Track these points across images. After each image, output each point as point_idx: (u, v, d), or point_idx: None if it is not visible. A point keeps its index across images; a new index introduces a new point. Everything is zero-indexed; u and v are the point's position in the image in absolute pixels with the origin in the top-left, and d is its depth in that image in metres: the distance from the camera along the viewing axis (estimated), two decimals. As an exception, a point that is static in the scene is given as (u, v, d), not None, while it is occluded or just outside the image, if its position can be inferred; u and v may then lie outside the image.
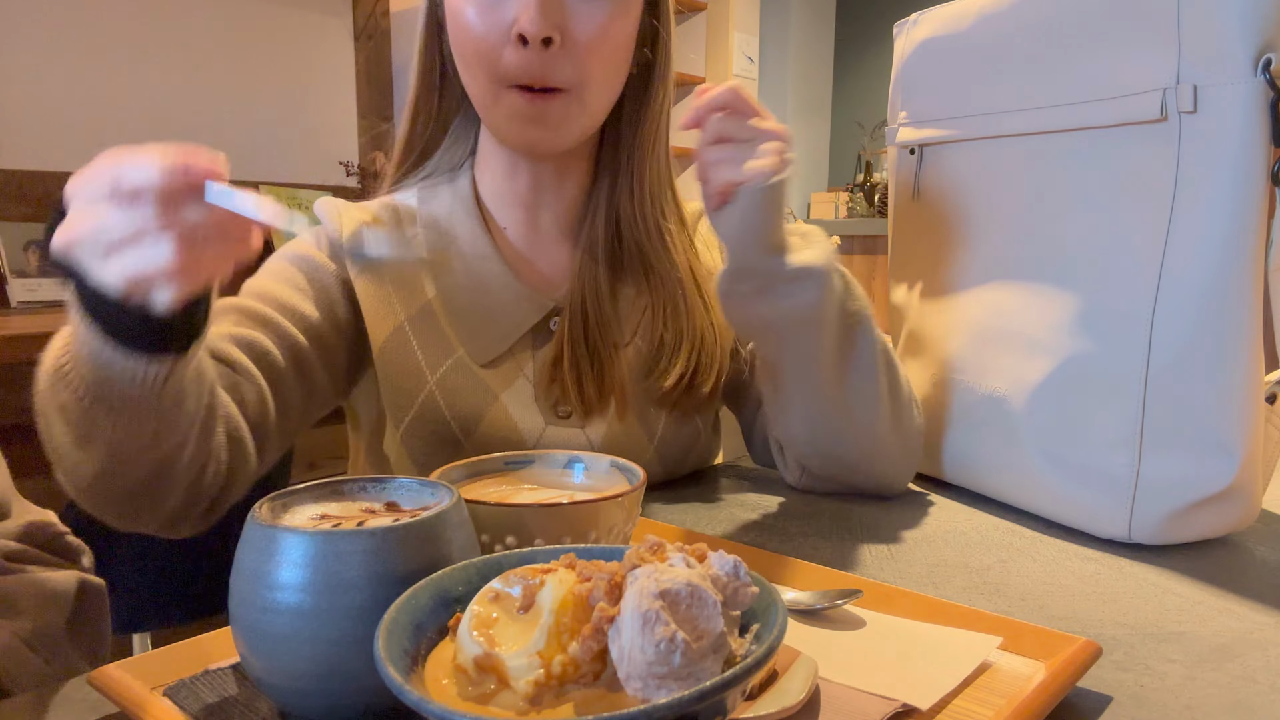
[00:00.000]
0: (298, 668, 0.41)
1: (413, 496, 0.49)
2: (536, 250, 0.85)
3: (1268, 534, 0.74)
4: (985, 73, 0.80)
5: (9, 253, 1.83)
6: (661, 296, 0.84)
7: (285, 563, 0.40)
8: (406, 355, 0.78)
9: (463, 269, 0.81)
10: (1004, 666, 0.48)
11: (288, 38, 2.36)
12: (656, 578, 0.36)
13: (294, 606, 0.40)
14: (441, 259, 0.82)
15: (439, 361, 0.78)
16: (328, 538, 0.41)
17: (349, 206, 0.82)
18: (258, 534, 0.42)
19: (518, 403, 0.79)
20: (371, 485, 0.49)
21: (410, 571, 0.41)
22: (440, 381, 0.78)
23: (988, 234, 0.82)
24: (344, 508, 0.47)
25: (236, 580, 0.42)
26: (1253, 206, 0.63)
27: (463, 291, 0.81)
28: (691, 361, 0.82)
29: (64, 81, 1.97)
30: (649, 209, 0.84)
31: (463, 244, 0.82)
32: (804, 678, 0.44)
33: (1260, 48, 0.62)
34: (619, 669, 0.35)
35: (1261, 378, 0.67)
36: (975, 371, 0.81)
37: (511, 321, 0.81)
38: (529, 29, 0.71)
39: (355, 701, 0.42)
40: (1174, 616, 0.58)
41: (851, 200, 3.98)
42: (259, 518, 0.43)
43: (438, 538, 0.43)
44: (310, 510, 0.46)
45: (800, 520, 0.77)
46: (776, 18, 3.95)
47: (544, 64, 0.73)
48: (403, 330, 0.78)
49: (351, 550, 0.41)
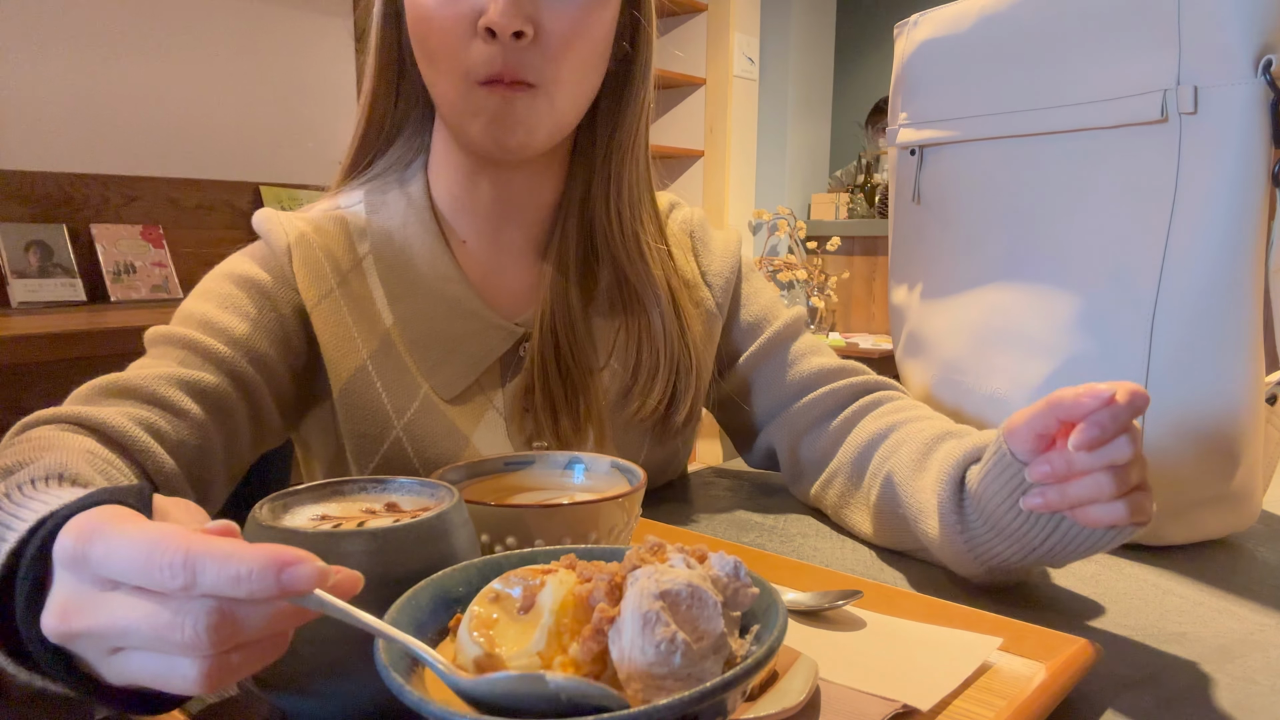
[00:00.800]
0: (298, 668, 0.41)
1: (413, 497, 0.49)
2: (500, 266, 0.78)
3: (1268, 535, 0.74)
4: (986, 74, 0.80)
5: (9, 253, 1.83)
6: (638, 314, 0.77)
7: None
8: (370, 397, 0.71)
9: (423, 292, 0.74)
10: (1004, 667, 0.48)
11: (289, 39, 2.36)
12: (657, 578, 0.36)
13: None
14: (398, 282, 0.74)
15: (406, 403, 0.71)
16: (328, 538, 0.41)
17: (291, 219, 0.75)
18: (258, 534, 0.42)
19: (489, 443, 0.73)
20: (372, 485, 0.49)
21: (411, 571, 0.41)
22: (407, 427, 0.71)
23: (988, 235, 0.82)
24: (344, 508, 0.47)
25: None
26: (1253, 207, 0.63)
27: (423, 319, 0.73)
28: (670, 385, 0.77)
29: (64, 82, 1.97)
30: (626, 217, 0.77)
31: (420, 263, 0.75)
32: (804, 679, 0.44)
33: (1261, 49, 0.62)
34: (619, 670, 0.35)
35: (1262, 379, 0.67)
36: (976, 372, 0.81)
37: (478, 351, 0.74)
38: (498, 21, 0.64)
39: (357, 702, 0.42)
40: (1174, 618, 0.58)
41: (852, 201, 3.98)
42: (259, 518, 0.43)
43: (439, 538, 0.43)
44: (311, 511, 0.46)
45: (800, 521, 0.77)
46: (777, 19, 3.95)
47: (513, 58, 0.66)
48: (365, 370, 0.71)
49: (352, 551, 0.41)
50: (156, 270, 2.04)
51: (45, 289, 1.86)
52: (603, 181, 0.77)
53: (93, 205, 2.01)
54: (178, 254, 2.11)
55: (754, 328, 0.84)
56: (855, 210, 3.97)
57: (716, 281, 0.84)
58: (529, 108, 0.68)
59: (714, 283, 0.84)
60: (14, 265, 1.82)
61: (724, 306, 0.84)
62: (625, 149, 0.77)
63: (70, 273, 1.90)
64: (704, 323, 0.82)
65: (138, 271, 2.01)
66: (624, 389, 0.78)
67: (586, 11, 0.68)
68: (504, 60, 0.66)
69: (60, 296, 1.88)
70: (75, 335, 1.43)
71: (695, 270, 0.84)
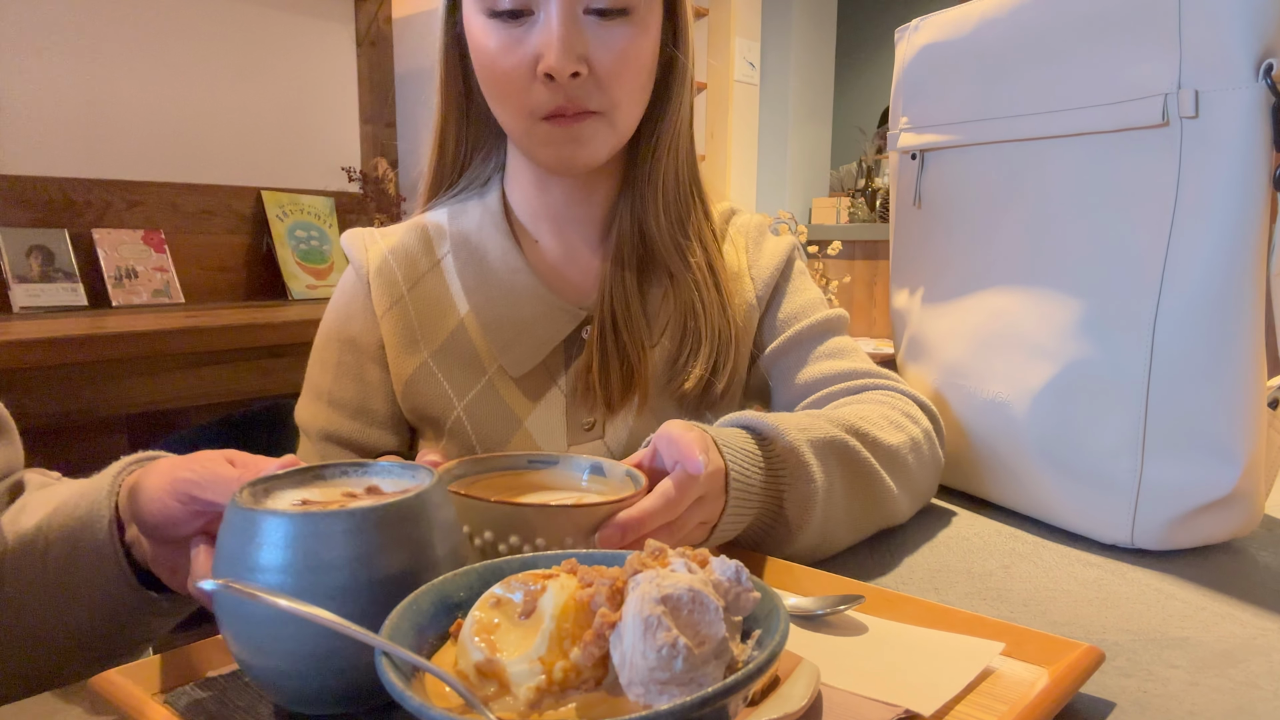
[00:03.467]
0: (281, 648, 0.41)
1: (394, 480, 0.49)
2: (567, 261, 0.86)
3: (1270, 539, 0.74)
4: (987, 78, 0.80)
5: (11, 258, 1.83)
6: (684, 297, 0.84)
7: (265, 544, 0.41)
8: (432, 386, 0.81)
9: (495, 283, 0.83)
10: (1007, 672, 0.48)
11: (290, 44, 2.37)
12: (658, 583, 0.36)
13: (275, 588, 0.40)
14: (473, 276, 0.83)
15: (468, 386, 0.80)
16: (306, 519, 0.41)
17: (376, 240, 0.85)
18: (238, 517, 0.42)
19: (545, 421, 0.80)
20: (353, 470, 0.49)
21: (390, 551, 0.42)
22: (468, 408, 0.80)
23: (989, 239, 0.82)
24: (325, 493, 0.47)
25: (218, 564, 0.43)
26: (1254, 211, 0.63)
27: (495, 305, 0.82)
28: (710, 361, 0.82)
29: (66, 88, 1.97)
30: (672, 222, 0.84)
31: (492, 258, 0.83)
32: (806, 684, 0.44)
33: (1261, 53, 0.62)
34: (620, 675, 0.35)
35: (1264, 383, 0.67)
36: (977, 377, 0.81)
37: (545, 333, 0.81)
38: (555, 67, 0.71)
39: (344, 683, 0.42)
40: (1177, 622, 0.58)
41: (853, 205, 3.98)
42: (239, 502, 0.43)
43: (417, 518, 0.43)
44: (292, 495, 0.47)
45: (802, 525, 0.77)
46: (778, 23, 3.96)
47: (573, 93, 0.73)
48: (426, 365, 0.81)
49: (330, 531, 0.41)
50: (158, 275, 2.04)
51: (47, 294, 1.86)
52: (652, 190, 0.84)
53: (94, 210, 2.01)
54: (180, 258, 2.11)
55: (784, 324, 0.86)
56: (856, 214, 3.98)
57: (760, 276, 0.87)
58: (593, 132, 0.76)
59: (758, 276, 0.87)
60: (16, 270, 1.82)
61: (763, 299, 0.87)
62: (666, 154, 0.84)
63: (72, 277, 1.90)
64: (744, 314, 0.85)
65: (139, 276, 2.01)
66: (671, 364, 0.83)
67: (631, 41, 0.74)
68: (566, 96, 0.73)
69: (62, 301, 1.88)
70: (77, 340, 1.43)
71: (744, 264, 0.88)
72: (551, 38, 0.71)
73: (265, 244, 2.28)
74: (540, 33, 0.72)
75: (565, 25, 0.71)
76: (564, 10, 0.71)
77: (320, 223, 2.36)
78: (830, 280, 3.74)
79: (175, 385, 1.58)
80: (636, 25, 0.74)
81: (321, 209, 2.38)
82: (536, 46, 0.72)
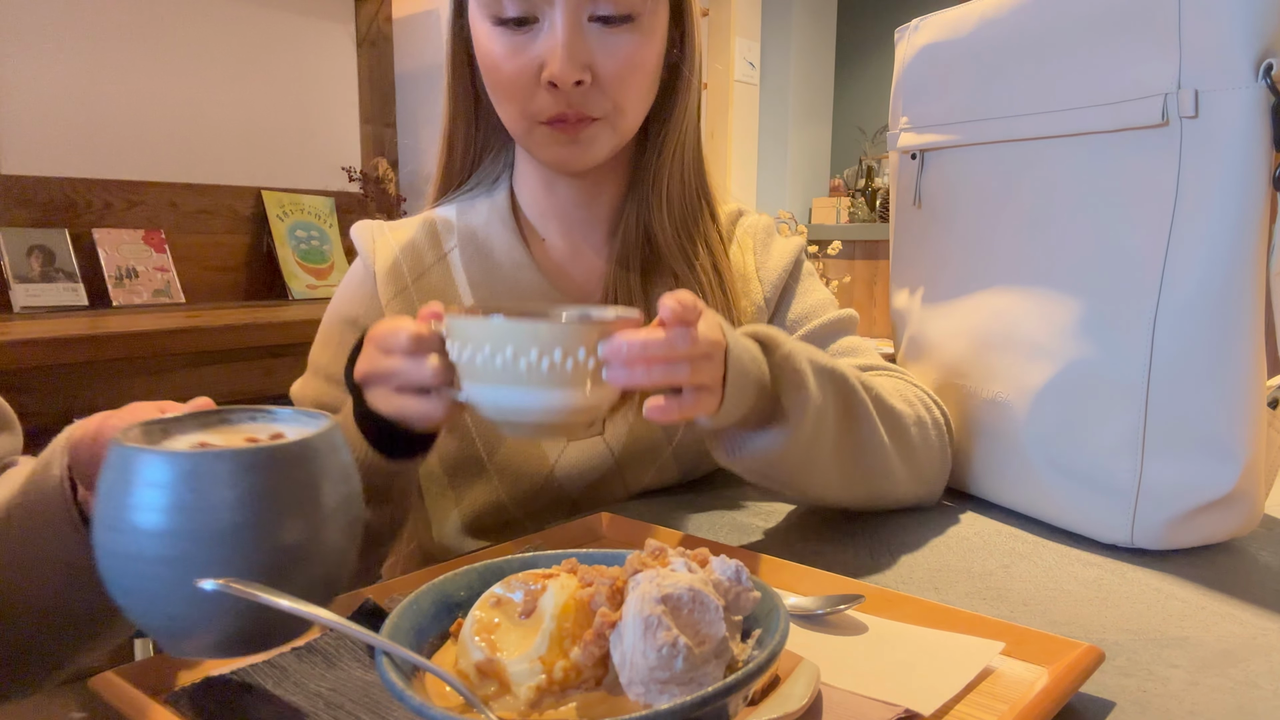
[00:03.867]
0: (163, 592, 0.40)
1: (299, 428, 0.47)
2: (572, 260, 0.86)
3: (1270, 539, 0.74)
4: (987, 78, 0.80)
5: (12, 258, 1.83)
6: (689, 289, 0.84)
7: (141, 484, 0.39)
8: None
9: (500, 278, 0.83)
10: (1007, 672, 0.48)
11: (290, 44, 2.37)
12: (658, 583, 0.36)
13: (150, 528, 0.39)
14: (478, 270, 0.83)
15: None
16: (188, 458, 0.40)
17: (384, 233, 0.85)
18: (115, 455, 0.40)
19: None
20: (261, 415, 0.48)
21: (277, 495, 0.40)
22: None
23: (989, 239, 0.82)
24: (227, 437, 0.46)
25: (98, 504, 0.41)
26: (1254, 211, 0.63)
27: (499, 300, 0.82)
28: None
29: (67, 88, 1.97)
30: (677, 225, 0.84)
31: (499, 254, 0.84)
32: (806, 683, 0.44)
33: (1261, 53, 0.62)
34: (621, 674, 0.35)
35: (1264, 383, 0.67)
36: (977, 377, 0.81)
37: None
38: (559, 76, 0.71)
39: (239, 628, 0.41)
40: (1177, 622, 0.58)
41: (853, 205, 3.98)
42: (121, 440, 0.41)
43: (305, 461, 0.42)
44: (193, 438, 0.45)
45: (802, 525, 0.77)
46: (778, 23, 3.96)
47: (576, 100, 0.74)
48: None
49: (213, 470, 0.39)
50: (159, 274, 2.04)
51: (47, 294, 1.86)
52: (657, 193, 0.84)
53: (95, 210, 2.01)
54: (180, 258, 2.11)
55: (794, 325, 0.86)
56: (856, 214, 3.97)
57: (769, 278, 0.88)
58: (593, 136, 0.76)
59: (766, 279, 0.88)
60: (16, 270, 1.82)
61: (772, 301, 0.87)
62: (672, 156, 0.83)
63: (72, 277, 1.90)
64: (750, 315, 0.85)
65: (140, 276, 2.01)
66: None
67: (636, 48, 0.74)
68: (568, 103, 0.73)
69: (62, 301, 1.88)
70: (78, 340, 1.43)
71: (752, 266, 0.88)
72: (556, 46, 0.71)
73: (265, 244, 2.28)
74: (545, 40, 0.72)
75: (570, 34, 0.71)
76: (569, 19, 0.71)
77: (320, 222, 2.37)
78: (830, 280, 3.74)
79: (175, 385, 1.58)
80: (641, 32, 0.74)
81: (322, 209, 2.38)
82: (541, 54, 0.72)
